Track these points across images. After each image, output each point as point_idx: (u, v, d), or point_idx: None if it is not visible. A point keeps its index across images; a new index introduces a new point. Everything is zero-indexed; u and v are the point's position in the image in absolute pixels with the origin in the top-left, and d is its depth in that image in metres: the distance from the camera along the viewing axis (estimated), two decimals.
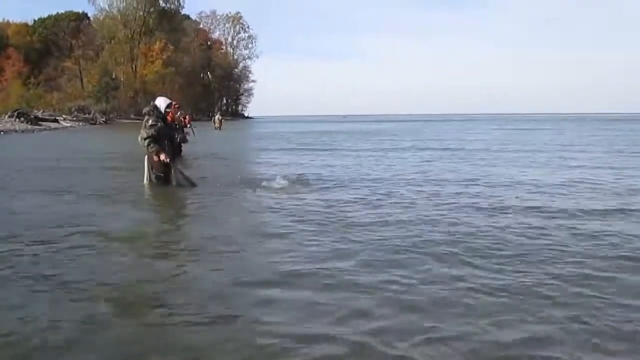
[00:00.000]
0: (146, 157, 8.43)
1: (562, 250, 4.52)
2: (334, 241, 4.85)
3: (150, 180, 8.44)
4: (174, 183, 8.38)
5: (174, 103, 9.12)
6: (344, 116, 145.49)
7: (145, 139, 8.08)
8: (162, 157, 8.08)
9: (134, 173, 9.28)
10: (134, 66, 67.06)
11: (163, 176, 8.34)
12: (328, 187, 8.54)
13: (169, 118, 8.64)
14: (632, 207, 6.58)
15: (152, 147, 8.08)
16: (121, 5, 67.60)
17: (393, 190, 8.13)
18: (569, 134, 29.08)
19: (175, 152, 8.92)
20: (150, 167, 8.40)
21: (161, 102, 8.58)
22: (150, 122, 8.15)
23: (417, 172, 10.73)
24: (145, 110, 8.60)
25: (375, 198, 7.42)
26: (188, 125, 9.96)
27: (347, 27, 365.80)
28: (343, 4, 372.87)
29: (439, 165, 12.41)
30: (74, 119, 48.78)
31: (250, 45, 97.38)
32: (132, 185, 8.68)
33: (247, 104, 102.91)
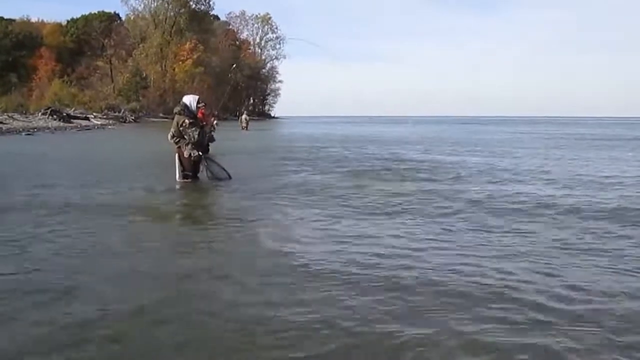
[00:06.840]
0: (177, 155, 8.55)
1: None
2: None
3: (182, 177, 8.60)
4: (207, 176, 8.70)
5: (202, 102, 8.80)
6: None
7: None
8: (186, 153, 8.39)
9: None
10: (163, 65, 67.72)
11: (191, 174, 8.60)
12: None
13: (199, 115, 8.60)
14: None
15: (191, 148, 8.37)
16: (153, 5, 68.44)
17: None
18: None
19: (204, 150, 8.86)
20: (181, 165, 8.59)
21: (190, 100, 8.59)
22: (187, 121, 8.27)
23: None
24: (176, 109, 8.63)
25: None
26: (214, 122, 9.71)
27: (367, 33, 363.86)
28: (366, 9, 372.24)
29: None
30: (104, 117, 49.41)
31: (277, 46, 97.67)
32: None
33: (273, 104, 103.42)
